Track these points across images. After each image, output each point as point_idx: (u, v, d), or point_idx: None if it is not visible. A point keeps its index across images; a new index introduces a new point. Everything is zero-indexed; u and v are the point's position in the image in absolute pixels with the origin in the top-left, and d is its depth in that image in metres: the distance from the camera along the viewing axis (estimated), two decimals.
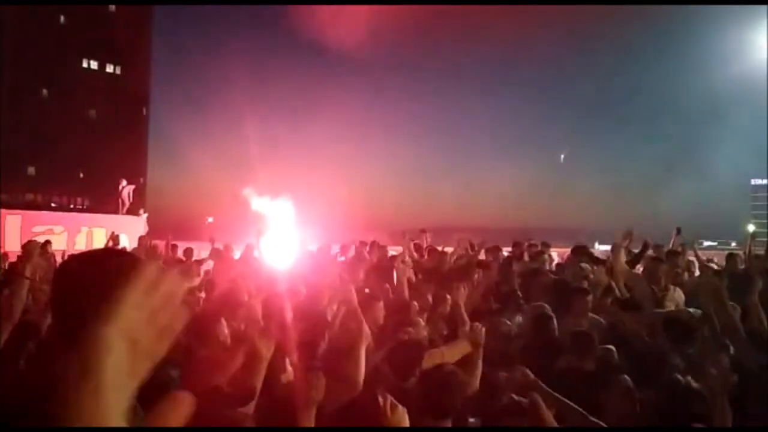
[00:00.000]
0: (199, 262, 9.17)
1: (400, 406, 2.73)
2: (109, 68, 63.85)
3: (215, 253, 9.69)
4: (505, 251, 9.59)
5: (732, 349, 4.13)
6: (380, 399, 2.68)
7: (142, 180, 55.27)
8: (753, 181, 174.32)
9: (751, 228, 10.99)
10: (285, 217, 12.08)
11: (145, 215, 20.49)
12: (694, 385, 2.98)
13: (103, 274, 1.33)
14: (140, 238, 12.70)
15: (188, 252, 10.20)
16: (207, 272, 8.56)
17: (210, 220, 27.05)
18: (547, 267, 8.54)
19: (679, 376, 3.10)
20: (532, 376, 3.27)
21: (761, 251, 8.99)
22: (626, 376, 3.37)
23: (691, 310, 5.20)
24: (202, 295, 6.50)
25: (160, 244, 10.67)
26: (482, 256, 9.24)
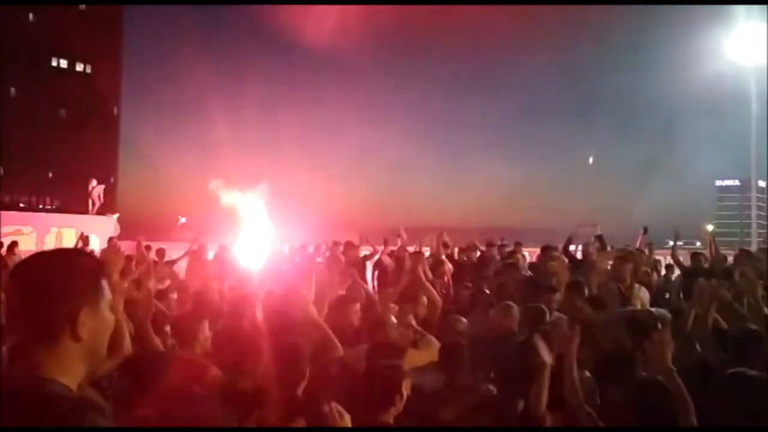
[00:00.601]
0: (171, 263, 9.13)
1: (346, 414, 2.82)
2: (79, 67, 62.80)
3: (190, 254, 9.65)
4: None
5: (698, 346, 4.29)
6: (325, 407, 2.75)
7: (112, 180, 54.50)
8: (717, 183, 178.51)
9: (709, 228, 11.26)
10: (258, 217, 12.06)
11: (116, 216, 20.24)
12: (660, 379, 3.08)
13: (63, 274, 1.37)
14: (109, 239, 12.60)
15: (160, 253, 10.14)
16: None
17: (183, 220, 26.77)
18: (520, 266, 8.68)
19: (644, 373, 3.19)
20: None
21: (724, 250, 9.26)
22: (586, 372, 3.46)
23: (653, 309, 5.37)
24: (174, 296, 6.46)
25: (132, 245, 10.59)
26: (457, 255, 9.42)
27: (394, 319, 4.79)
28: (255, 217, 11.94)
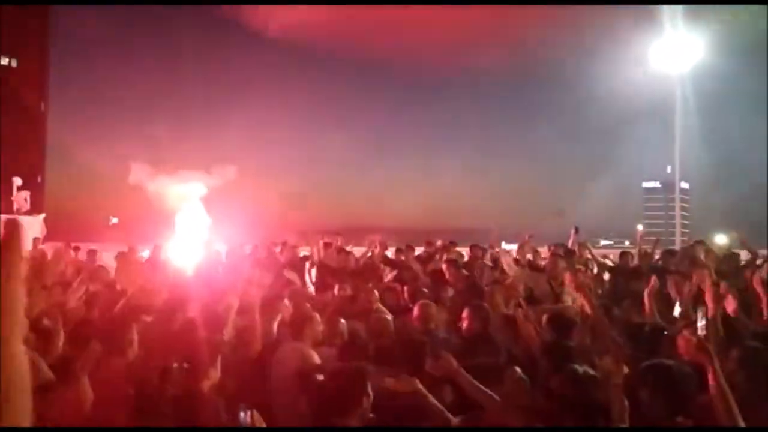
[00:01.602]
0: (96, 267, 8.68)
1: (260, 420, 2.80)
2: (4, 60, 59.92)
3: (119, 256, 9.33)
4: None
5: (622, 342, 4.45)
6: (242, 413, 2.72)
7: (39, 178, 52.29)
8: (644, 184, 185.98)
9: (640, 228, 11.71)
10: (194, 217, 11.78)
11: (42, 216, 19.40)
12: (592, 373, 3.16)
13: None
14: (35, 241, 12.07)
15: (91, 254, 9.76)
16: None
17: (114, 220, 25.88)
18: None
19: (577, 366, 3.26)
20: (455, 363, 3.42)
21: (650, 249, 9.62)
22: (517, 368, 3.54)
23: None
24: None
25: (60, 246, 10.17)
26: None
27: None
28: (190, 216, 11.66)
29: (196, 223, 11.25)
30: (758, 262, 8.60)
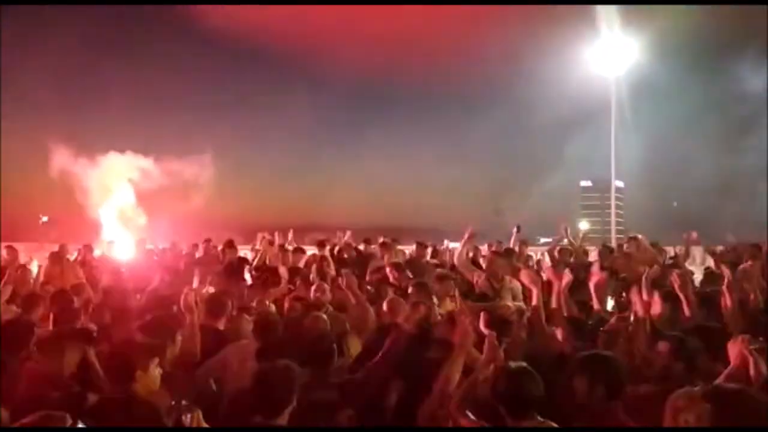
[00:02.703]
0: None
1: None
2: None
3: (49, 256, 8.89)
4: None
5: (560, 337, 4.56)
6: (185, 418, 2.67)
7: None
8: (582, 183, 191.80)
9: (584, 226, 12.02)
10: (129, 215, 11.39)
11: None
12: (525, 366, 3.22)
13: None
14: None
15: (11, 252, 8.96)
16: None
17: (44, 219, 24.86)
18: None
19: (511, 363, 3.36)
20: None
21: (588, 247, 9.91)
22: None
23: (510, 304, 5.70)
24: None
25: None
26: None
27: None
28: (125, 216, 11.26)
29: (127, 218, 10.85)
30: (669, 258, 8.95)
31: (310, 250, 9.60)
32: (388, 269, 7.35)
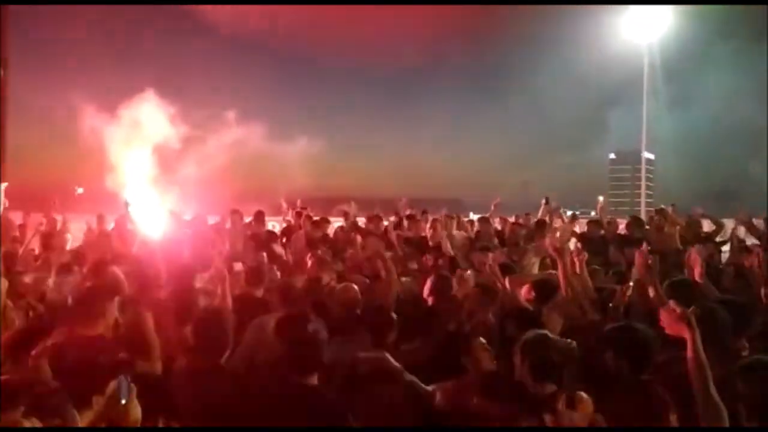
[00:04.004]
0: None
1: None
2: None
3: (87, 228, 9.15)
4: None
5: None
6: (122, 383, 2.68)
7: None
8: (610, 155, 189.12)
9: (600, 198, 11.74)
10: (158, 186, 11.45)
11: (4, 185, 18.83)
12: (546, 333, 3.26)
13: None
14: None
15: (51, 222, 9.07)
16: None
17: (80, 190, 25.22)
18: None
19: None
20: None
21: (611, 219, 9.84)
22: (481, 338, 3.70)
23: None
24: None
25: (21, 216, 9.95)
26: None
27: None
28: (154, 187, 11.35)
29: (162, 191, 10.95)
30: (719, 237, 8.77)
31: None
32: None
